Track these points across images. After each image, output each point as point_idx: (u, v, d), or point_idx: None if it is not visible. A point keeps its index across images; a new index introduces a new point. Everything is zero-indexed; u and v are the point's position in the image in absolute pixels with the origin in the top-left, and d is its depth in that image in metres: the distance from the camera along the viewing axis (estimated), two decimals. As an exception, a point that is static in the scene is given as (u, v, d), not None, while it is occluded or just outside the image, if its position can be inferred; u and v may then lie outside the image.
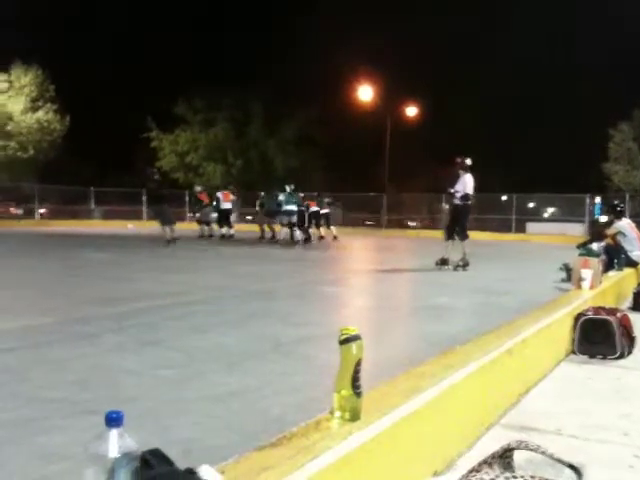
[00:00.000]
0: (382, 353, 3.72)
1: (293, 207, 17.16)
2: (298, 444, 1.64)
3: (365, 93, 35.14)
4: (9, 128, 32.72)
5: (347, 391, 1.83)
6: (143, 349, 3.87)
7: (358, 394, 1.85)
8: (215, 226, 18.91)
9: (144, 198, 31.90)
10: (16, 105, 32.91)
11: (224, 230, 18.50)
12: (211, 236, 18.88)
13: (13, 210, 31.42)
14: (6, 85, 32.86)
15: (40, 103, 33.89)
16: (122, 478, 1.13)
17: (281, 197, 17.43)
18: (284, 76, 38.25)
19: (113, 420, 1.15)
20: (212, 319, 5.08)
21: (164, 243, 14.13)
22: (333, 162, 37.31)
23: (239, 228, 20.67)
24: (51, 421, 2.50)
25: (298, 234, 17.33)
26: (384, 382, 2.22)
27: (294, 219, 17.29)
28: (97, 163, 41.83)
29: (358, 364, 1.86)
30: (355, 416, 1.84)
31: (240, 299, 6.34)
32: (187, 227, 23.19)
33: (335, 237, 19.35)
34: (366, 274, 10.09)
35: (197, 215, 20.17)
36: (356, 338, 1.86)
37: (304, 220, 17.80)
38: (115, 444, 1.13)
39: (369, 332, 4.38)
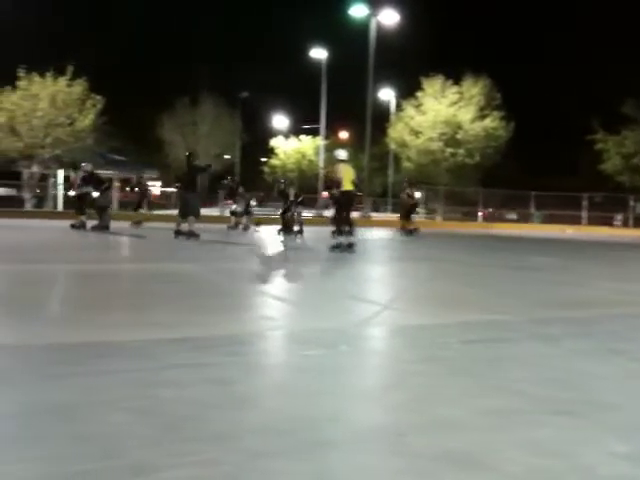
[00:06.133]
0: None
1: None
2: None
3: None
4: (458, 137, 35.33)
5: None
6: (609, 357, 3.76)
7: None
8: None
9: (584, 203, 30.81)
10: (466, 115, 35.28)
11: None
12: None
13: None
14: (457, 96, 35.56)
15: (487, 111, 35.63)
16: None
17: None
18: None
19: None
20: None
21: (180, 235, 13.07)
22: None
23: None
24: (533, 415, 2.62)
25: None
26: None
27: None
28: (538, 167, 42.04)
29: None
30: None
31: None
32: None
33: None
34: None
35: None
36: None
37: None
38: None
39: None
